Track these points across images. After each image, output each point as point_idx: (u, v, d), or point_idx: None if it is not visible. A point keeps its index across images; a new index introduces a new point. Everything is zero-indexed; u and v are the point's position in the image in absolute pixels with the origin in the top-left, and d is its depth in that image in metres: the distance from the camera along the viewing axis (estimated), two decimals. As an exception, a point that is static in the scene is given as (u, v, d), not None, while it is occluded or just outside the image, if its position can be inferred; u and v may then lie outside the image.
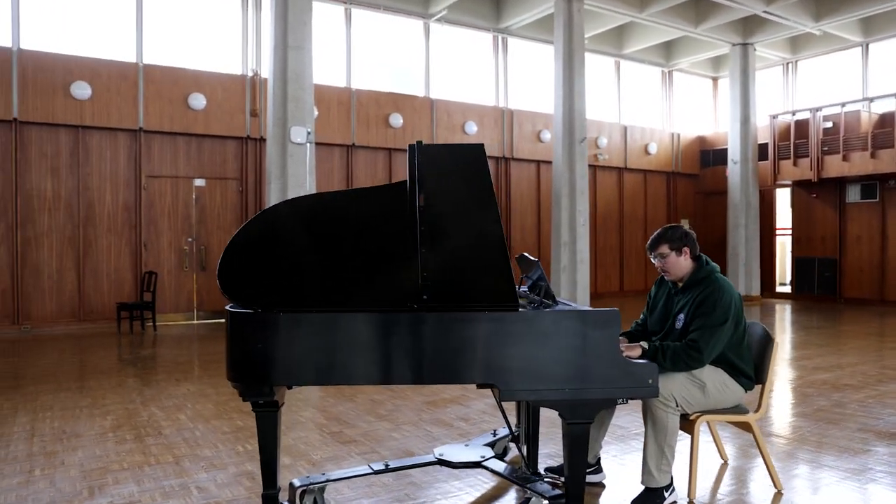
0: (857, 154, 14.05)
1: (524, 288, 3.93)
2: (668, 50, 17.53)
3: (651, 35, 16.01)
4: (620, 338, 3.77)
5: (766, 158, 15.87)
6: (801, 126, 15.11)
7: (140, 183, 11.11)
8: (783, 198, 16.94)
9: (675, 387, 3.38)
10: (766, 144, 15.91)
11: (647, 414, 3.40)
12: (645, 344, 3.42)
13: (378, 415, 5.37)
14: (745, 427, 3.72)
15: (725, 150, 16.77)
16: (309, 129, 9.85)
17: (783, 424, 5.18)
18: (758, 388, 3.70)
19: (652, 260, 3.67)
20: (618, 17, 14.60)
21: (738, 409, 3.65)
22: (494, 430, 4.25)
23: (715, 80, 18.92)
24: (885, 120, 14.49)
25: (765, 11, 13.75)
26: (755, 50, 15.88)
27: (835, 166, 14.35)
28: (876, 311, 13.43)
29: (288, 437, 4.73)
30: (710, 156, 18.10)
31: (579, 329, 2.88)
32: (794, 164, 15.01)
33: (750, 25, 15.45)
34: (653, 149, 17.30)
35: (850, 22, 15.01)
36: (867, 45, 15.77)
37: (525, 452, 3.75)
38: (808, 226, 15.74)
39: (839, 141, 14.31)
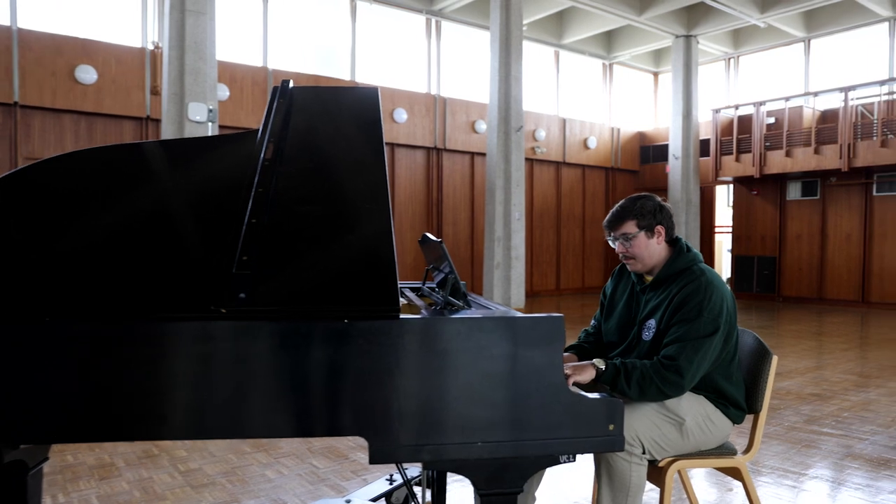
0: (800, 150, 13.57)
1: (432, 284, 2.85)
2: (609, 41, 16.80)
3: (592, 23, 15.22)
4: (565, 355, 2.76)
5: (707, 154, 15.29)
6: (745, 121, 14.58)
7: (16, 166, 9.59)
8: (721, 195, 16.43)
9: (643, 426, 2.35)
10: (707, 140, 15.34)
11: (602, 464, 2.35)
12: (600, 362, 2.37)
13: (256, 443, 4.20)
14: (732, 472, 2.72)
15: (665, 146, 16.17)
16: (211, 107, 8.58)
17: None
18: (747, 418, 2.70)
19: (611, 243, 2.63)
20: (558, 1, 13.73)
21: (722, 450, 2.64)
22: (391, 474, 3.13)
23: (656, 74, 18.31)
24: (826, 116, 14.09)
25: (711, -1, 13.13)
26: (698, 43, 15.28)
27: (778, 162, 13.83)
28: (815, 310, 12.95)
29: (124, 479, 3.52)
30: (649, 152, 17.46)
31: (501, 345, 1.81)
32: (737, 159, 14.45)
33: (694, 16, 14.83)
34: (592, 143, 16.52)
35: (793, 16, 14.57)
36: (809, 41, 15.37)
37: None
38: (748, 224, 15.21)
39: (782, 136, 13.81)
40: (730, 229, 15.81)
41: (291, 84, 2.62)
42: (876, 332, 10.06)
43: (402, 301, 2.74)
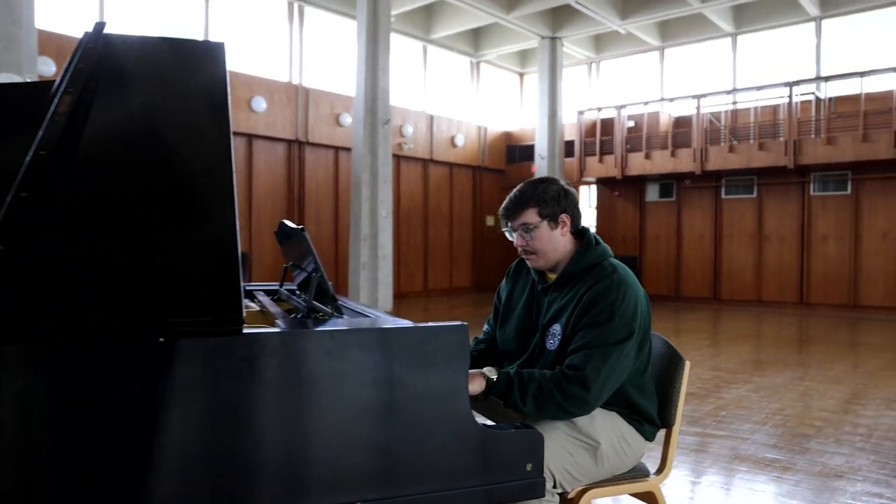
0: (658, 153, 14.05)
1: (292, 285, 2.32)
2: (476, 38, 16.70)
3: (461, 19, 15.02)
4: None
5: (572, 155, 15.53)
6: (607, 124, 14.93)
7: None
8: (585, 196, 16.79)
9: (554, 454, 1.92)
10: (572, 142, 15.59)
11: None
12: (492, 371, 1.92)
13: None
14: (646, 497, 2.38)
15: (531, 146, 16.29)
16: (29, 79, 7.43)
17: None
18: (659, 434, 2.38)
19: (508, 235, 2.22)
20: (426, -7, 13.42)
21: (636, 472, 2.29)
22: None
23: (521, 75, 18.45)
24: (680, 122, 14.68)
25: (576, 1, 13.25)
26: (563, 45, 15.48)
27: (638, 164, 14.25)
28: (673, 308, 13.40)
29: None
30: (516, 151, 17.56)
31: (387, 366, 1.32)
32: (600, 160, 14.76)
33: (559, 18, 15.00)
34: (460, 141, 16.34)
35: (650, 24, 15.10)
36: (663, 50, 15.98)
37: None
38: (610, 224, 15.59)
39: (642, 139, 14.24)
40: (594, 229, 16.11)
41: (107, 29, 2.00)
42: (728, 328, 10.46)
43: (253, 306, 2.18)
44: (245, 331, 1.25)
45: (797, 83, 12.61)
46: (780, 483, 3.48)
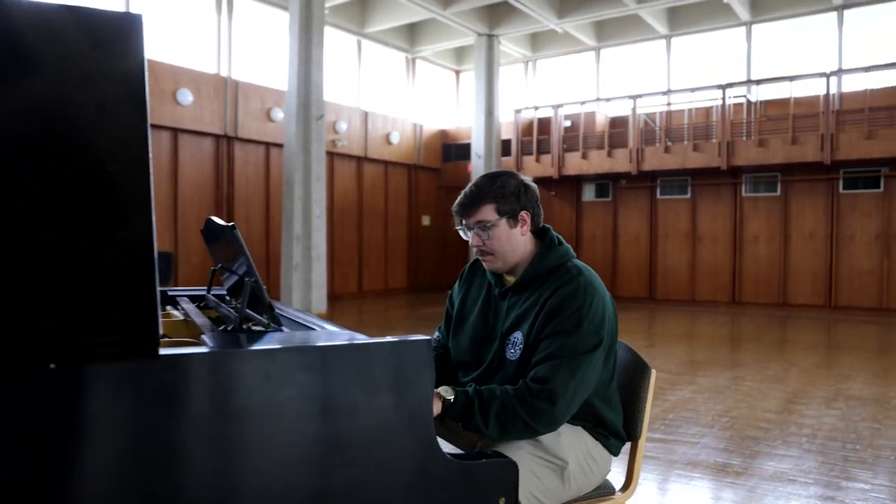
0: (595, 153, 14.12)
1: (221, 289, 2.06)
2: (412, 34, 16.47)
3: (396, 14, 14.76)
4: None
5: (509, 154, 15.47)
6: (544, 123, 14.94)
7: None
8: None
9: (520, 477, 1.74)
10: (509, 140, 15.53)
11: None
12: (448, 391, 1.71)
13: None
14: (609, 518, 2.21)
15: (467, 144, 16.19)
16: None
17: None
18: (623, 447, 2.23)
19: (463, 234, 2.01)
20: (361, -13, 13.10)
21: (601, 491, 2.12)
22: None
23: (458, 72, 18.31)
24: (616, 122, 14.80)
25: (514, -2, 13.22)
26: (500, 43, 15.42)
27: (575, 164, 14.29)
28: (609, 309, 13.45)
29: None
30: (451, 150, 17.40)
31: (340, 391, 1.09)
32: (537, 160, 14.76)
33: (496, 15, 14.91)
34: (395, 139, 16.07)
35: (586, 24, 15.18)
36: (600, 50, 16.11)
37: None
38: (547, 223, 15.60)
39: (579, 139, 14.30)
40: (528, 229, 16.14)
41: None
42: (665, 328, 10.56)
43: (175, 314, 1.91)
44: (162, 352, 1.00)
45: (729, 86, 12.87)
46: (736, 489, 3.39)
